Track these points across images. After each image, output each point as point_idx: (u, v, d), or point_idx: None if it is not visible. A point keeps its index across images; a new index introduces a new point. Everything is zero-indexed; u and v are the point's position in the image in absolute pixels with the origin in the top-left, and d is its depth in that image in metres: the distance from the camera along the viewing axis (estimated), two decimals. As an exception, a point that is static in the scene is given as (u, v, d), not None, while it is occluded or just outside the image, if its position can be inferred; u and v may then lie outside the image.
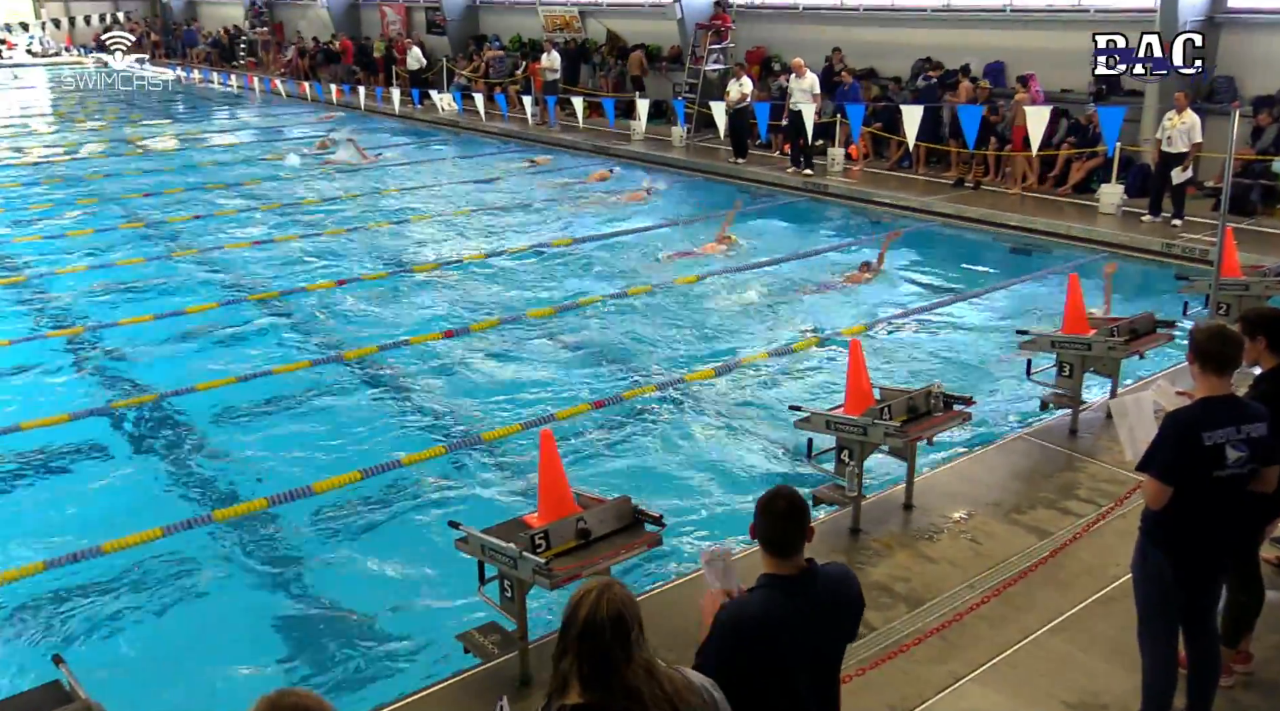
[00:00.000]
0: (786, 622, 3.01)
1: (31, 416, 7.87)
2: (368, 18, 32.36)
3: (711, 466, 7.21)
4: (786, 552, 3.09)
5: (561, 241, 13.23)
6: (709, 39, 20.11)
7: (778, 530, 3.10)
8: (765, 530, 3.11)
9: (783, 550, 3.09)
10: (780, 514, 3.10)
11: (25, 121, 26.56)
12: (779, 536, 3.09)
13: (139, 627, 5.55)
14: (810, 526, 3.13)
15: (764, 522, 3.11)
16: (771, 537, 3.10)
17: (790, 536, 3.09)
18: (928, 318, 10.21)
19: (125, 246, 13.37)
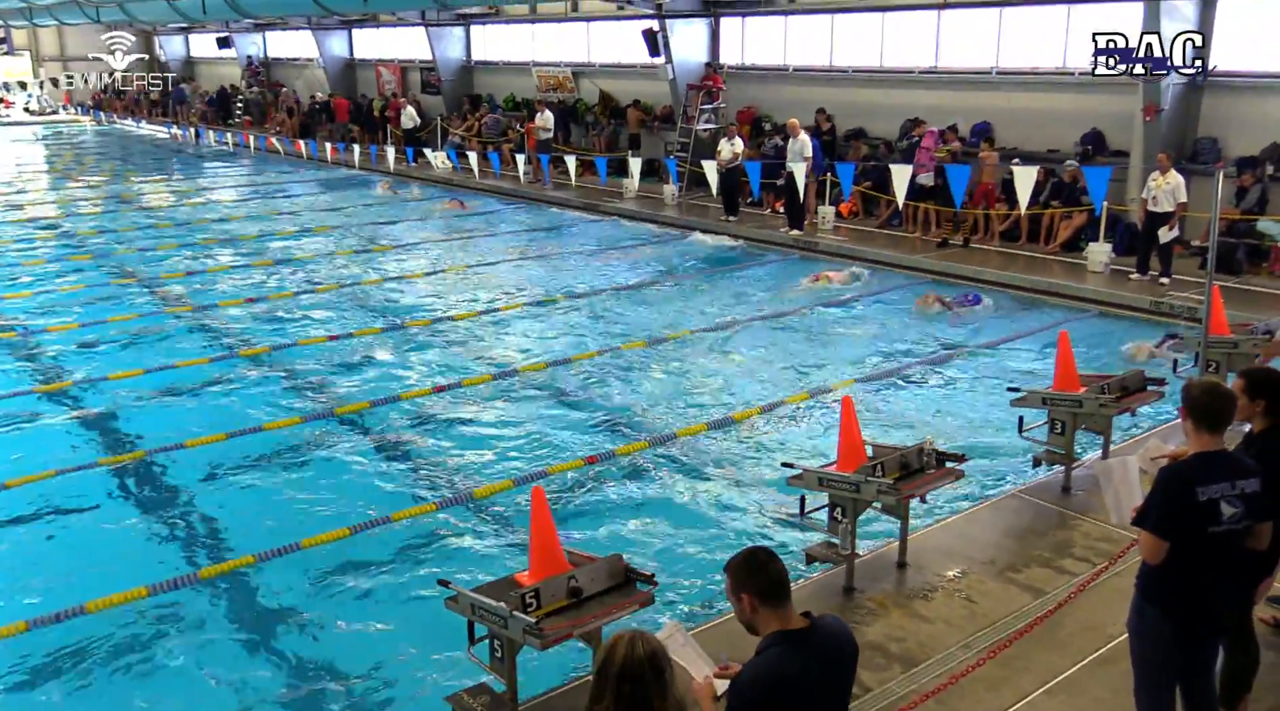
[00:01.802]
0: (804, 677, 3.00)
1: (18, 473, 7.80)
2: (364, 77, 32.81)
3: (704, 524, 7.16)
4: (786, 595, 3.09)
5: (553, 298, 13.29)
6: (700, 99, 20.43)
7: (772, 575, 3.09)
8: (759, 581, 3.08)
9: (783, 593, 3.09)
10: (766, 560, 3.12)
11: (21, 178, 26.75)
12: (776, 580, 3.08)
13: (123, 688, 5.44)
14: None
15: (754, 576, 3.09)
16: (768, 586, 3.08)
17: (785, 578, 3.09)
18: (919, 374, 10.23)
19: (117, 301, 13.38)
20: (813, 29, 19.61)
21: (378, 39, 32.06)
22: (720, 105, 20.56)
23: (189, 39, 43.82)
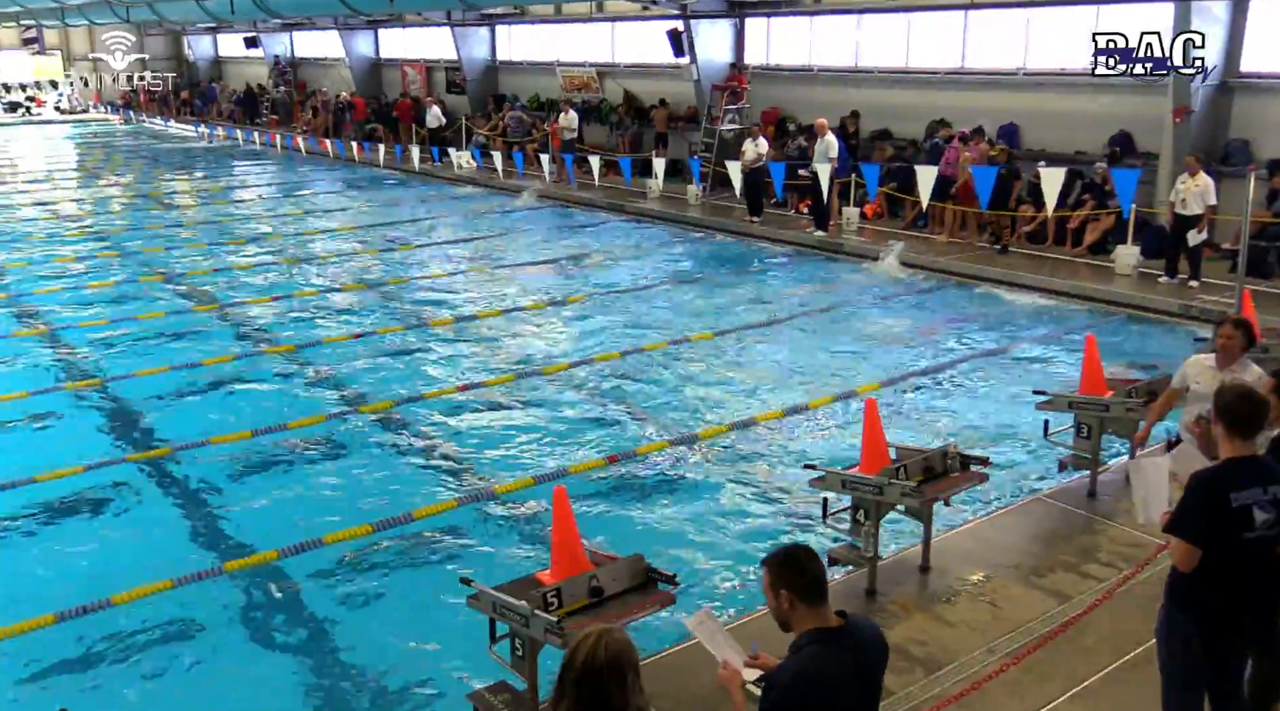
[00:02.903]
0: (841, 676, 3.00)
1: (47, 468, 7.88)
2: (389, 77, 32.98)
3: (725, 524, 7.14)
4: (825, 594, 3.08)
5: (576, 297, 13.31)
6: (725, 99, 20.39)
7: (812, 574, 3.08)
8: (800, 579, 3.07)
9: (822, 592, 3.08)
10: (807, 558, 3.11)
11: (52, 176, 27.07)
12: (816, 578, 3.07)
13: (147, 680, 5.48)
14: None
15: (795, 573, 3.07)
16: (809, 584, 3.06)
17: (824, 578, 3.09)
18: (944, 377, 10.17)
19: (145, 299, 13.51)
20: (838, 29, 19.55)
21: (403, 39, 32.24)
22: (744, 106, 20.52)
23: (217, 39, 44.21)
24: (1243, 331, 5.59)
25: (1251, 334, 5.71)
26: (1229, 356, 5.56)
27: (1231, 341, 5.55)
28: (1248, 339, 5.62)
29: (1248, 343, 5.63)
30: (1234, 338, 5.55)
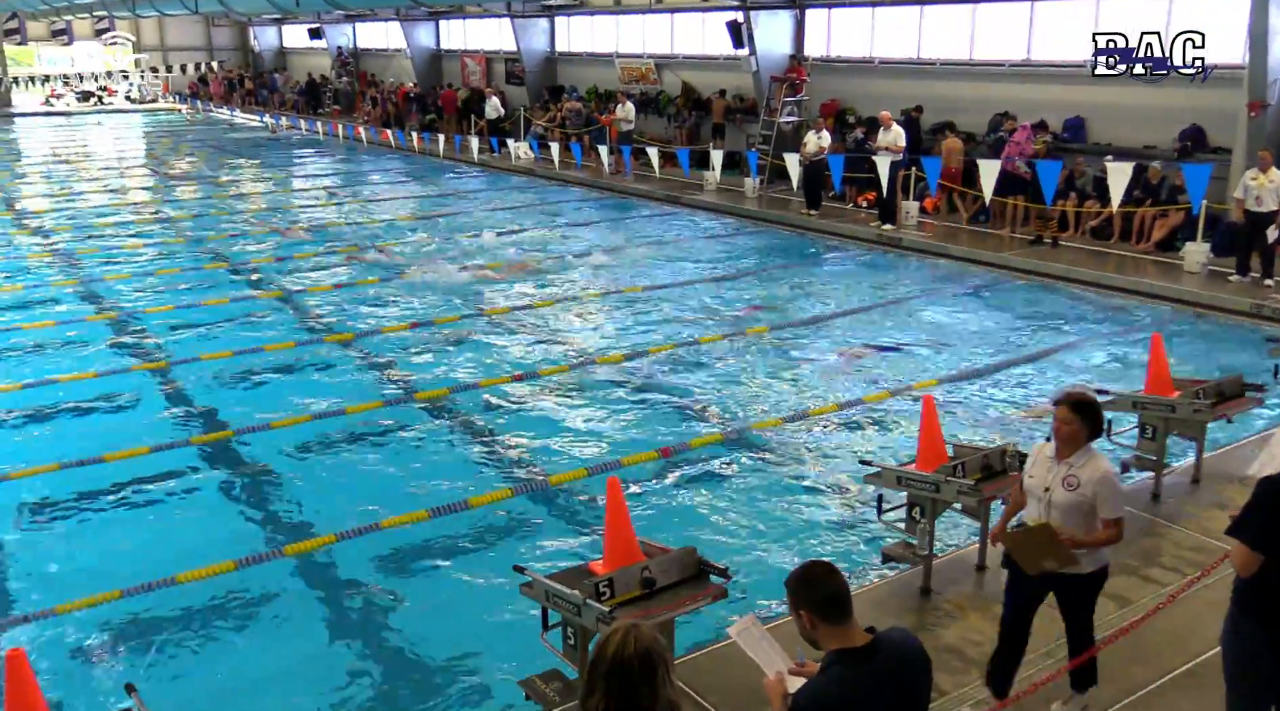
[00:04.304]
0: (867, 700, 2.92)
1: (115, 448, 8.10)
2: (449, 67, 33.26)
3: (778, 519, 7.11)
4: (846, 612, 2.99)
5: (632, 288, 13.32)
6: (784, 91, 20.25)
7: (830, 591, 2.99)
8: (817, 597, 2.99)
9: (843, 609, 2.98)
10: (823, 575, 3.02)
11: (121, 164, 27.75)
12: (834, 596, 2.98)
13: (207, 658, 5.62)
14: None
15: (811, 592, 3.00)
16: (826, 602, 2.98)
17: (845, 594, 3.00)
18: (1004, 375, 10.01)
19: (210, 285, 13.80)
20: (900, 20, 19.29)
21: (464, 30, 32.49)
22: (804, 98, 20.35)
23: (282, 30, 44.94)
24: (1084, 416, 4.36)
25: (1097, 418, 4.43)
26: (1069, 445, 4.40)
27: (1069, 427, 4.36)
28: (1092, 424, 4.40)
29: (1092, 429, 4.41)
30: (1071, 423, 4.36)
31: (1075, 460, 4.38)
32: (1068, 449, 4.40)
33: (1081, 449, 4.39)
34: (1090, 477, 4.32)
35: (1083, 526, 4.34)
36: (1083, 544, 4.30)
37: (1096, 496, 4.30)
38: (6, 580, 6.39)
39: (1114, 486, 4.35)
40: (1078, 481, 4.33)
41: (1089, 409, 4.39)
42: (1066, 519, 4.34)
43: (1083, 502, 4.33)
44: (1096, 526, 4.35)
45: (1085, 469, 4.35)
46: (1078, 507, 4.33)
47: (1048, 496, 4.41)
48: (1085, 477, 4.32)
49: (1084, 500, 4.32)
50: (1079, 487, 4.32)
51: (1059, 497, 4.37)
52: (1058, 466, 4.42)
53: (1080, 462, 4.37)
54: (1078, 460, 4.38)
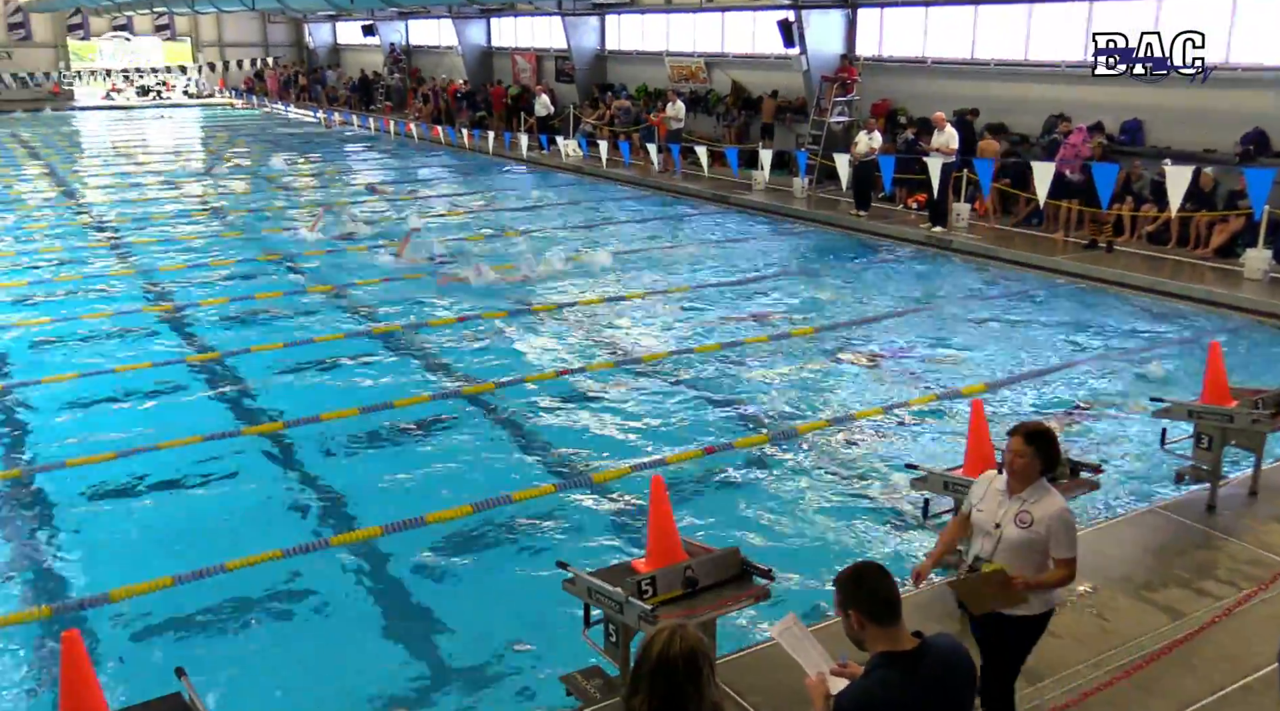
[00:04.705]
0: (912, 704, 2.91)
1: (168, 437, 8.26)
2: (500, 65, 33.46)
3: (823, 521, 7.07)
4: (896, 614, 2.98)
5: (678, 288, 13.30)
6: (834, 91, 20.10)
7: (881, 593, 2.98)
8: (867, 599, 2.99)
9: (892, 612, 2.98)
10: (875, 577, 3.01)
11: (179, 157, 28.27)
12: (885, 598, 2.98)
13: (254, 645, 5.71)
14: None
15: (862, 593, 3.00)
16: (877, 604, 2.98)
17: (896, 597, 2.99)
18: (1054, 380, 9.85)
19: (262, 277, 14.00)
20: (954, 20, 19.06)
21: (515, 28, 32.66)
22: (854, 98, 20.19)
23: (336, 27, 45.51)
24: (1038, 447, 4.05)
25: (1052, 450, 4.12)
26: (1021, 479, 4.11)
27: (1022, 460, 4.07)
28: (1046, 457, 4.09)
29: (1046, 462, 4.11)
30: (1024, 455, 4.06)
31: (1028, 495, 4.09)
32: (1020, 483, 4.11)
33: (1035, 483, 4.10)
34: (1044, 514, 4.03)
35: (1034, 565, 4.07)
36: (1036, 587, 4.04)
37: (1050, 534, 4.01)
38: (64, 565, 6.54)
39: (1068, 524, 4.06)
40: (1030, 518, 4.04)
41: (1043, 440, 4.08)
42: (1017, 557, 4.06)
43: (1036, 541, 4.04)
44: (1049, 565, 4.08)
45: (1039, 505, 4.06)
46: (1030, 546, 4.05)
47: (998, 533, 4.11)
48: (1039, 514, 4.03)
49: (1037, 538, 4.03)
50: (1032, 525, 4.03)
51: (1010, 534, 4.07)
52: (1009, 501, 4.12)
53: (1034, 498, 4.07)
54: (1031, 496, 4.08)
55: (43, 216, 18.89)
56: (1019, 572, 4.03)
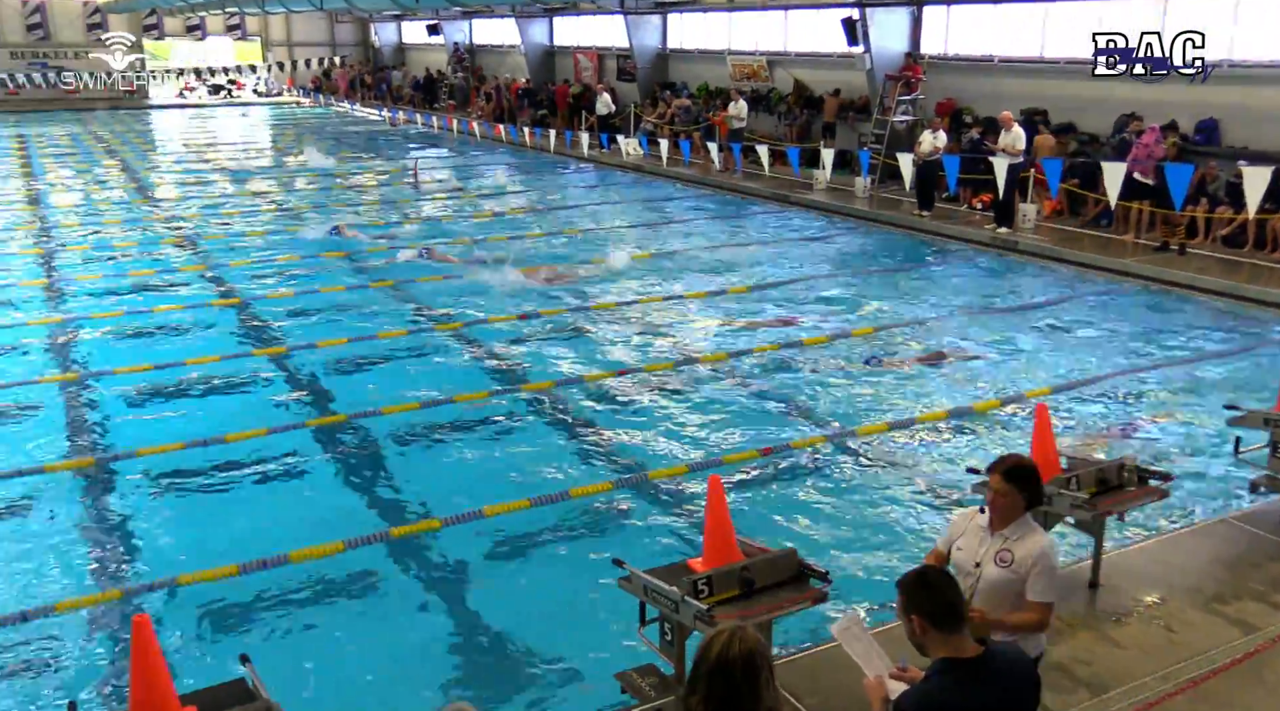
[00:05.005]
0: (973, 709, 2.88)
1: (235, 429, 8.44)
2: (562, 63, 33.63)
3: (881, 525, 6.99)
4: (959, 620, 2.95)
5: (738, 288, 13.26)
6: (898, 89, 19.87)
7: (945, 598, 2.95)
8: (931, 603, 2.95)
9: (956, 617, 2.95)
10: (940, 582, 2.97)
11: (247, 154, 28.88)
12: (949, 603, 2.94)
13: (315, 634, 5.80)
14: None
15: (926, 597, 2.96)
16: (940, 609, 2.94)
17: (960, 602, 2.95)
18: (1121, 385, 9.63)
19: (326, 272, 14.23)
20: (1023, 17, 18.71)
21: (577, 26, 32.80)
22: (919, 96, 19.94)
23: (401, 26, 46.11)
24: (1019, 485, 3.88)
25: (1036, 487, 3.95)
26: (1002, 517, 3.93)
27: (1002, 498, 3.91)
28: (1030, 494, 3.92)
29: (1030, 499, 3.94)
30: (1006, 494, 3.89)
31: (1010, 533, 3.90)
32: (1003, 521, 3.93)
33: (1018, 521, 3.92)
34: (1026, 554, 3.84)
35: (1014, 606, 3.86)
36: (998, 626, 3.78)
37: (1029, 574, 3.81)
38: (135, 551, 6.72)
39: (1050, 566, 3.83)
40: (1011, 557, 3.85)
41: (1025, 478, 3.90)
42: (997, 597, 3.86)
43: (1015, 580, 3.85)
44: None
45: (1021, 543, 3.86)
46: (1009, 586, 3.85)
47: (978, 572, 3.92)
48: (1020, 553, 3.85)
49: (1016, 578, 3.84)
50: (1012, 564, 3.85)
51: (990, 574, 3.88)
52: (991, 539, 3.94)
53: (1016, 536, 3.88)
54: (1013, 533, 3.90)
55: (117, 212, 19.43)
56: (993, 613, 3.81)
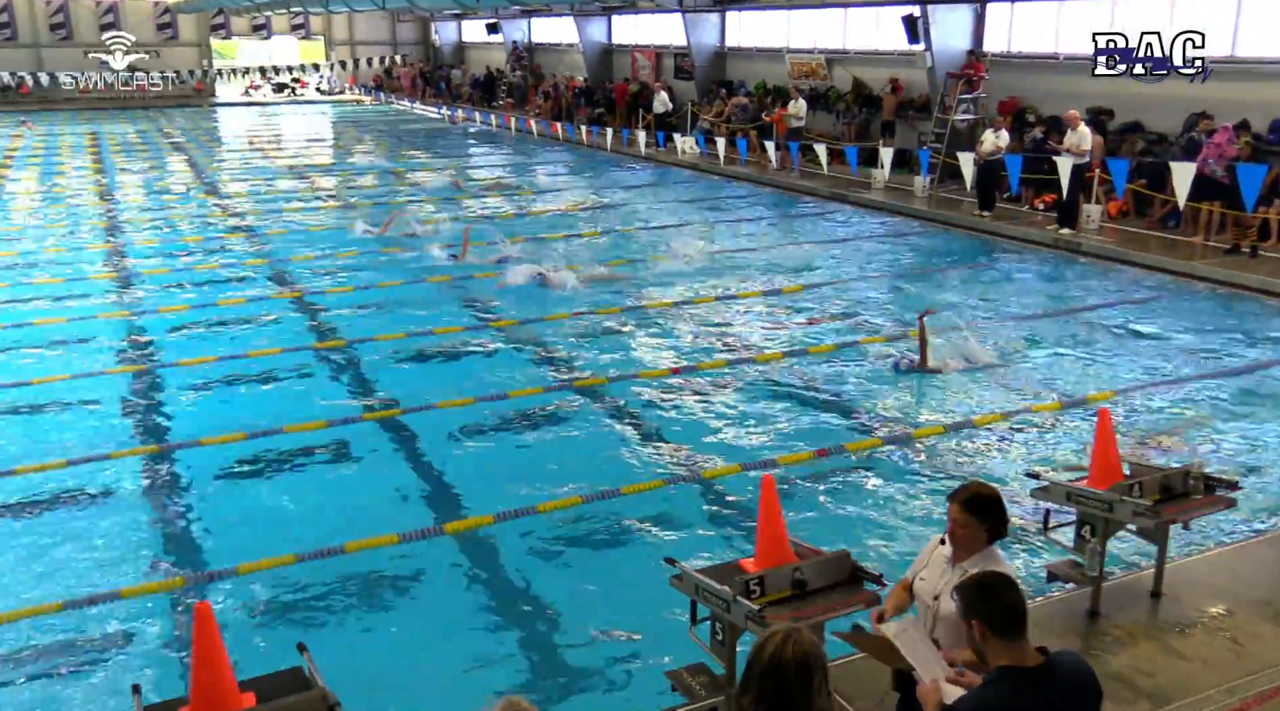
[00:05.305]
0: None
1: (294, 420, 8.60)
2: (619, 62, 33.68)
3: (937, 527, 6.86)
4: (1021, 628, 2.89)
5: (793, 287, 13.17)
6: (959, 88, 19.59)
7: (1007, 605, 2.89)
8: (993, 610, 2.90)
9: (1018, 625, 2.89)
10: (1002, 588, 2.92)
11: (310, 152, 29.36)
12: (1011, 611, 2.89)
13: (370, 624, 5.88)
14: None
15: (988, 604, 2.91)
16: (1002, 616, 2.88)
17: (1022, 610, 2.90)
18: (1188, 390, 9.39)
19: (384, 268, 14.40)
20: (1090, 14, 18.32)
21: (635, 25, 32.83)
22: (981, 95, 19.63)
23: (461, 25, 46.54)
24: (979, 515, 3.71)
25: (997, 518, 3.75)
26: (964, 548, 3.76)
27: (961, 529, 3.74)
28: (991, 525, 3.74)
29: (992, 529, 3.75)
30: (966, 525, 3.72)
31: (971, 566, 3.68)
32: (965, 552, 3.76)
33: (981, 553, 3.73)
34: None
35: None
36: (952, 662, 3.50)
37: None
38: (196, 539, 6.87)
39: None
40: None
41: (985, 508, 3.70)
42: (953, 632, 3.59)
43: None
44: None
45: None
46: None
47: (936, 605, 3.74)
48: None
49: None
50: None
51: (946, 608, 3.65)
52: (952, 572, 3.74)
53: (976, 569, 3.62)
54: (974, 566, 3.67)
55: (184, 207, 19.88)
56: (951, 648, 3.59)
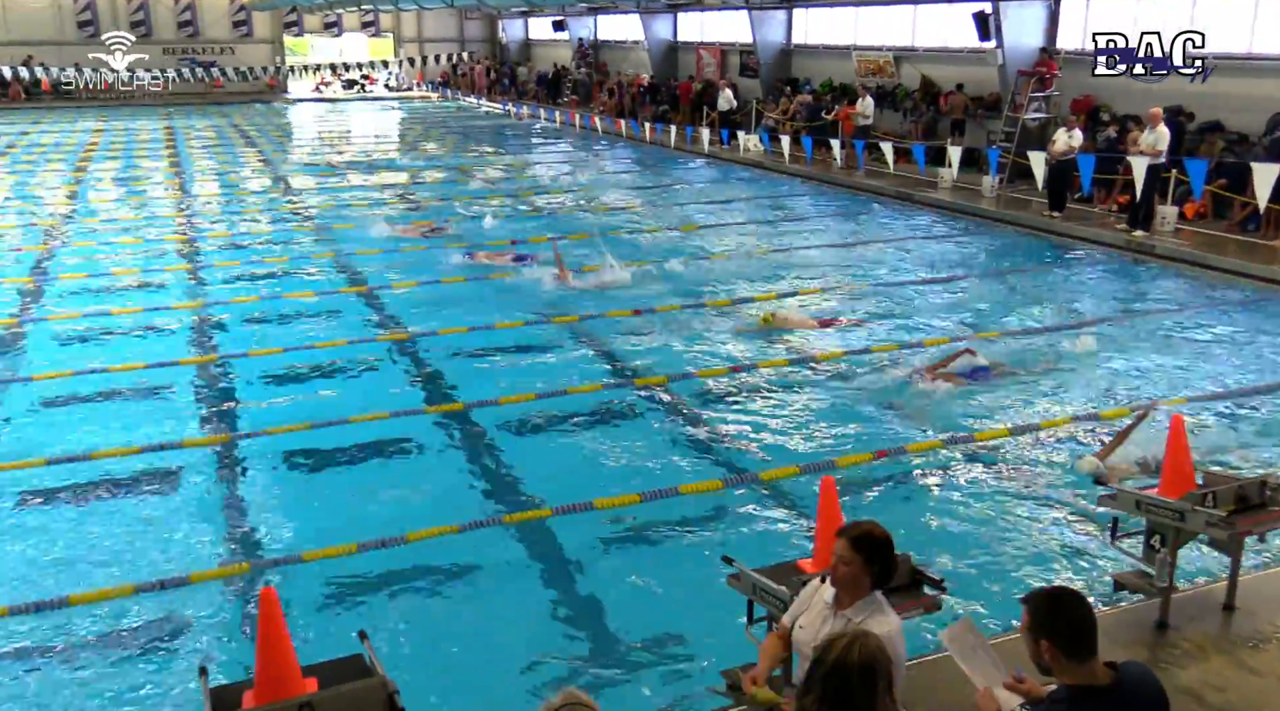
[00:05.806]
0: None
1: (359, 411, 8.74)
2: (685, 59, 33.65)
3: (999, 533, 6.78)
4: (1093, 648, 2.79)
5: (858, 286, 13.04)
6: (1031, 86, 19.21)
7: (1077, 624, 2.79)
8: (1064, 629, 2.80)
9: (1090, 645, 2.79)
10: (1073, 605, 2.83)
11: (377, 147, 29.81)
12: (1081, 630, 2.79)
13: (428, 615, 5.95)
14: None
15: (1061, 619, 2.81)
16: (1072, 637, 2.79)
17: (1092, 628, 2.80)
18: (1268, 399, 9.11)
19: (450, 265, 14.56)
20: (1169, 9, 17.83)
21: (701, 22, 32.77)
22: (1053, 93, 19.23)
23: (528, 23, 46.88)
24: (866, 555, 3.39)
25: (886, 561, 3.45)
26: (847, 592, 3.47)
27: (844, 567, 3.43)
28: (878, 569, 3.44)
29: (879, 573, 3.46)
30: (849, 563, 3.41)
31: (854, 615, 3.41)
32: (848, 597, 3.47)
33: (865, 600, 3.45)
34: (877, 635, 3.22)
35: None
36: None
37: None
38: (262, 527, 7.01)
39: (896, 652, 3.23)
40: None
41: (875, 549, 3.39)
42: None
43: None
44: None
45: (867, 626, 3.27)
46: None
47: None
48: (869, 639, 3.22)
49: None
50: None
51: None
52: (834, 620, 3.46)
53: (859, 618, 3.38)
54: (857, 616, 3.40)
55: (255, 201, 20.31)
56: None
